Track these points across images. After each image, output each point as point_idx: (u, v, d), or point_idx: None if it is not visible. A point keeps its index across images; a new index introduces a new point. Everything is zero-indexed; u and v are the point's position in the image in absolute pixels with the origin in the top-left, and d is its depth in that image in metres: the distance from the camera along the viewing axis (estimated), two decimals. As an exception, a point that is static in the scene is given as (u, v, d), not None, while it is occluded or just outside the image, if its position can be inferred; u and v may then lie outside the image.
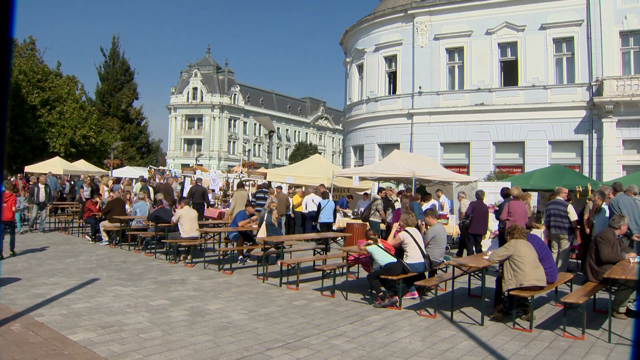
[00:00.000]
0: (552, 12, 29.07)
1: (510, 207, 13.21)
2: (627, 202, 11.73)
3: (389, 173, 19.37)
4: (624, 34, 27.97)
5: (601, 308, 9.14)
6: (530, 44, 29.55)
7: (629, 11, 27.57)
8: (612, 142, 27.09)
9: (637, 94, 26.34)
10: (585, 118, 28.04)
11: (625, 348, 7.25)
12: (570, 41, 29.06)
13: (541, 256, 8.54)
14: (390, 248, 10.10)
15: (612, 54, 27.82)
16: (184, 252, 14.57)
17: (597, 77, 27.73)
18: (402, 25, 33.54)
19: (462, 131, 30.66)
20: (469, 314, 8.99)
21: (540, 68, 29.31)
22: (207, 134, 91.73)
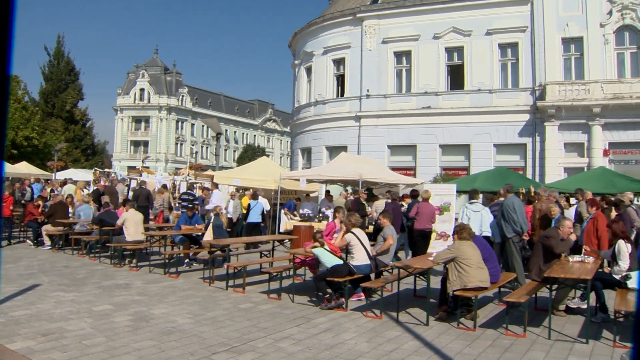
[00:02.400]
0: (498, 18, 29.67)
1: (418, 208, 14.08)
2: (518, 203, 12.15)
3: (336, 175, 19.34)
4: (566, 40, 28.82)
5: (542, 306, 9.30)
6: (476, 49, 30.06)
7: (570, 19, 28.42)
8: (554, 145, 27.83)
9: (577, 99, 27.10)
10: (529, 122, 28.70)
11: (565, 344, 7.43)
12: (515, 47, 29.73)
13: (485, 257, 8.64)
14: (337, 250, 10.09)
15: (554, 60, 28.60)
16: (129, 256, 14.37)
17: (540, 82, 28.43)
18: (350, 29, 33.65)
19: (409, 134, 30.91)
20: (415, 314, 9.06)
21: (485, 72, 29.85)
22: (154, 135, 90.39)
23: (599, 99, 26.81)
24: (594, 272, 8.27)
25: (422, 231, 14.31)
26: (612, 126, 27.04)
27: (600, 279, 8.72)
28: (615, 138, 27.16)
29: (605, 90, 26.93)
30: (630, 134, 26.88)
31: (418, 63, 31.42)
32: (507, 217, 11.89)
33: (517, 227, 11.72)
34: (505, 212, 11.99)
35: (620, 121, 26.80)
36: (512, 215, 11.79)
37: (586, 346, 7.36)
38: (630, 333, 6.77)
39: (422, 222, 14.19)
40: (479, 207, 13.44)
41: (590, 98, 26.97)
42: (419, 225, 14.21)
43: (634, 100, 26.31)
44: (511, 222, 11.80)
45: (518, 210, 11.80)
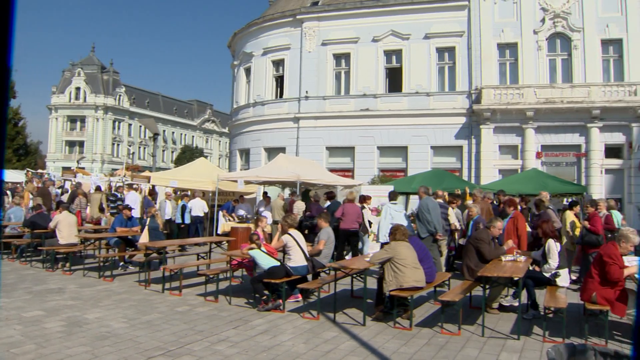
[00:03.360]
0: (436, 22, 30.14)
1: (344, 209, 14.44)
2: (433, 204, 12.46)
3: (274, 177, 19.31)
4: (501, 46, 29.56)
5: (476, 304, 9.47)
6: (414, 52, 30.44)
7: (506, 25, 29.19)
8: (490, 148, 28.48)
9: (512, 103, 27.81)
10: (465, 124, 29.24)
11: (497, 340, 7.60)
12: (452, 51, 30.26)
13: (420, 257, 8.74)
14: (274, 251, 10.09)
15: (490, 65, 29.27)
16: (62, 260, 13.93)
17: (476, 85, 29.05)
18: (290, 30, 33.56)
19: (347, 136, 31.02)
20: (352, 314, 9.12)
21: (423, 75, 30.26)
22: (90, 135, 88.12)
23: (532, 103, 27.58)
24: (525, 271, 8.50)
25: (348, 231, 14.47)
26: (544, 129, 27.86)
27: (532, 277, 8.95)
28: (547, 141, 27.99)
29: (538, 95, 27.72)
30: (561, 137, 27.79)
31: (357, 65, 31.60)
32: (422, 218, 12.26)
33: (430, 227, 12.11)
34: (419, 213, 12.36)
35: (552, 125, 27.65)
36: (426, 216, 12.18)
37: (518, 342, 7.54)
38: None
39: (347, 222, 14.40)
40: (401, 207, 13.82)
41: (524, 102, 27.70)
42: (345, 225, 14.38)
43: (565, 105, 27.17)
44: (425, 223, 12.16)
45: (432, 212, 12.17)
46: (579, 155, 27.85)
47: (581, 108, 27.10)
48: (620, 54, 28.38)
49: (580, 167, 27.81)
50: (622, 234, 7.84)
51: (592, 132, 27.41)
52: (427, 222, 12.12)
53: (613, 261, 7.37)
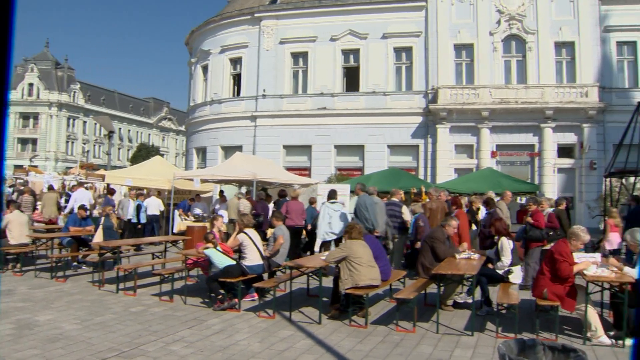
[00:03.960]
0: (394, 22, 30.38)
1: (288, 206, 14.68)
2: (370, 201, 12.54)
3: (230, 175, 19.15)
4: (458, 46, 29.97)
5: (431, 302, 9.48)
6: (372, 52, 30.64)
7: (462, 26, 29.55)
8: (445, 147, 28.85)
9: (467, 103, 28.19)
10: (422, 124, 29.55)
11: (452, 337, 7.67)
12: (409, 51, 30.57)
13: (376, 255, 8.75)
14: (229, 250, 9.99)
15: (447, 65, 29.63)
16: (12, 260, 13.50)
17: (433, 85, 29.38)
18: (248, 28, 33.39)
19: (305, 134, 31.00)
20: (308, 313, 9.08)
21: (380, 75, 30.48)
22: (44, 133, 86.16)
23: (487, 103, 27.99)
24: (478, 268, 8.59)
25: (293, 228, 14.49)
26: (499, 129, 28.31)
27: (485, 275, 9.05)
28: (502, 140, 28.49)
29: (493, 95, 28.14)
30: (515, 137, 28.30)
31: (314, 64, 31.64)
32: (360, 215, 12.31)
33: (368, 224, 12.09)
34: (357, 210, 12.44)
35: (507, 124, 28.10)
36: (364, 213, 12.24)
37: (471, 338, 7.62)
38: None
39: (293, 219, 14.57)
40: (339, 206, 13.76)
41: (480, 102, 28.08)
42: (290, 222, 14.38)
43: (519, 105, 27.65)
44: (363, 220, 12.14)
45: (370, 209, 12.25)
46: (533, 155, 28.42)
47: (535, 109, 27.65)
48: (572, 57, 29.04)
49: (534, 166, 28.40)
50: (573, 232, 7.94)
51: (546, 132, 27.98)
52: (364, 219, 12.14)
53: (564, 258, 7.50)
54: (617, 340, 7.34)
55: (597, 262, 7.85)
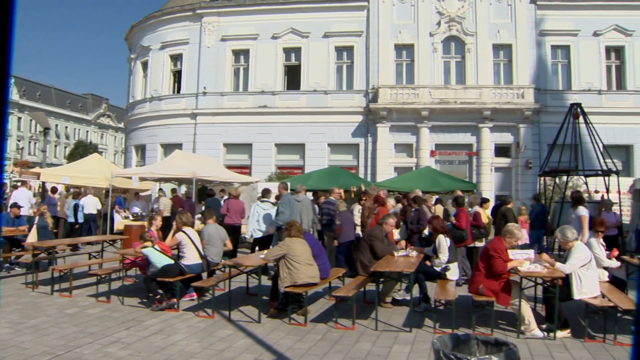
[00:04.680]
0: (336, 21, 30.49)
1: (228, 205, 14.89)
2: (288, 198, 12.78)
3: (170, 173, 18.95)
4: (398, 46, 30.29)
5: (370, 299, 9.62)
6: (313, 51, 30.67)
7: (403, 27, 29.88)
8: (385, 146, 29.10)
9: (407, 102, 28.47)
10: (362, 123, 29.72)
11: (390, 334, 7.79)
12: (351, 50, 30.72)
13: (315, 253, 8.81)
14: (167, 250, 9.93)
15: (387, 65, 29.92)
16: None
17: (373, 85, 29.61)
18: (189, 24, 32.95)
19: (245, 132, 30.76)
20: (247, 312, 9.07)
21: (321, 74, 30.53)
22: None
23: (427, 103, 28.34)
24: (416, 265, 8.75)
25: (232, 226, 14.57)
26: (438, 129, 28.73)
27: (423, 272, 9.26)
28: (441, 140, 28.92)
29: (432, 95, 28.52)
30: (454, 136, 28.79)
31: (256, 62, 31.48)
32: (278, 212, 12.59)
33: (279, 222, 12.31)
34: (279, 207, 12.68)
35: (446, 124, 28.56)
36: (283, 209, 12.48)
37: (410, 334, 7.76)
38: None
39: (232, 217, 14.68)
40: (269, 206, 13.99)
41: (419, 102, 28.41)
42: (229, 221, 14.55)
43: (458, 105, 28.09)
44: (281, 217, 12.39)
45: (287, 207, 12.47)
46: (471, 154, 28.92)
47: (473, 109, 28.14)
48: (509, 59, 29.78)
49: (472, 165, 28.94)
50: (507, 230, 8.20)
51: (483, 132, 28.53)
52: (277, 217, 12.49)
53: (498, 255, 7.75)
54: (549, 333, 7.63)
55: (530, 258, 8.15)
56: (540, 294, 8.58)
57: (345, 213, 12.84)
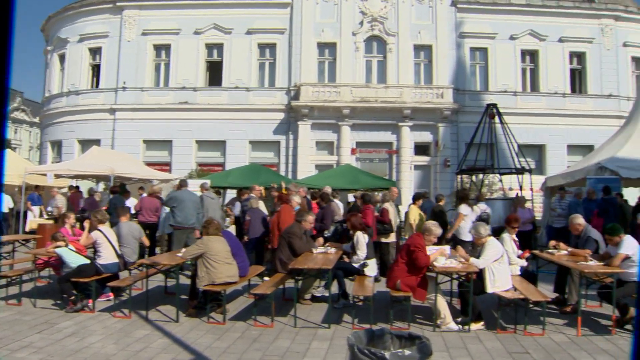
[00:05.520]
0: (259, 18, 30.39)
1: (142, 202, 14.81)
2: (182, 197, 12.63)
3: (87, 170, 18.67)
4: (321, 45, 30.44)
5: (289, 296, 9.62)
6: (236, 47, 30.46)
7: (326, 25, 30.06)
8: (306, 143, 29.22)
9: (329, 100, 28.67)
10: (284, 120, 29.72)
11: (309, 330, 7.83)
12: (273, 47, 30.70)
13: (233, 251, 8.75)
14: (82, 249, 9.66)
15: (310, 63, 30.03)
16: None
17: (295, 82, 29.61)
18: (109, 17, 32.11)
19: (165, 129, 30.23)
20: (165, 311, 8.93)
21: (244, 70, 30.37)
22: None
23: (348, 101, 28.57)
24: (335, 262, 8.81)
25: (146, 224, 14.32)
26: (359, 127, 29.07)
27: (341, 268, 9.35)
28: (362, 138, 29.26)
29: (354, 94, 28.79)
30: (374, 135, 29.18)
31: (177, 57, 31.01)
32: (173, 212, 12.58)
33: (177, 219, 12.41)
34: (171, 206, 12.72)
35: (367, 122, 28.90)
36: (176, 210, 12.49)
37: (328, 330, 7.82)
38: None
39: (144, 215, 14.44)
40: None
41: (341, 100, 28.63)
42: (142, 219, 14.34)
43: (379, 104, 28.46)
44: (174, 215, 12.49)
45: (179, 205, 12.43)
46: (391, 152, 29.36)
47: (394, 108, 28.57)
48: (430, 59, 30.44)
49: (392, 163, 29.43)
50: (426, 228, 8.34)
51: (403, 131, 29.01)
52: (173, 215, 12.51)
53: (420, 249, 7.91)
54: (464, 326, 7.85)
55: (446, 254, 8.41)
56: (456, 289, 8.77)
57: (255, 209, 12.78)
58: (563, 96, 30.83)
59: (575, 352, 6.82)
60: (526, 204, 15.67)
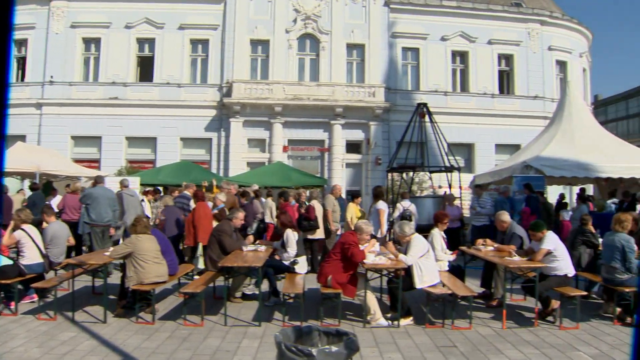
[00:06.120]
0: (191, 14, 30.09)
1: (65, 200, 14.51)
2: (97, 195, 12.43)
3: (11, 167, 18.07)
4: (254, 42, 30.38)
5: (220, 295, 9.49)
6: (168, 42, 30.09)
7: (259, 22, 29.96)
8: (238, 141, 29.13)
9: (261, 98, 28.66)
10: (216, 117, 29.56)
11: (240, 329, 7.77)
12: (206, 43, 30.45)
13: (163, 250, 8.63)
14: (4, 249, 9.29)
15: (242, 59, 29.92)
16: None
17: (228, 79, 29.45)
18: (37, 8, 31.06)
19: (94, 125, 29.51)
20: (93, 312, 8.68)
21: (176, 66, 30.01)
22: None
23: (280, 99, 28.64)
24: (265, 260, 8.81)
25: (69, 222, 13.70)
26: (291, 124, 29.19)
27: (272, 266, 9.34)
28: (294, 135, 29.37)
29: (286, 91, 28.86)
30: (306, 132, 29.35)
31: (107, 51, 30.34)
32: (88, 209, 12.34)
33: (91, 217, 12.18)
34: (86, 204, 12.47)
35: (299, 120, 29.02)
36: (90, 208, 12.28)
37: (259, 329, 7.79)
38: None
39: (68, 213, 14.12)
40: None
41: (273, 98, 28.69)
42: (66, 217, 13.96)
43: (311, 102, 28.63)
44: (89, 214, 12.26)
45: (95, 202, 12.26)
46: (323, 150, 29.58)
47: (326, 106, 28.75)
48: (362, 58, 30.78)
49: (324, 161, 29.63)
50: (357, 227, 8.51)
51: (335, 129, 29.26)
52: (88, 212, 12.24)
53: (354, 246, 7.98)
54: (393, 321, 7.93)
55: (375, 251, 8.56)
56: (385, 285, 8.84)
57: (170, 207, 12.63)
58: (492, 97, 31.73)
59: (500, 344, 7.03)
60: (455, 202, 16.01)
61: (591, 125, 17.93)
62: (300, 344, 3.96)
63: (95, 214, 12.02)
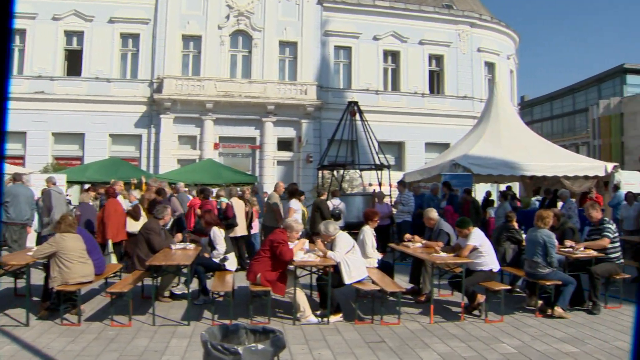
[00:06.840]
0: (122, 7, 29.53)
1: None
2: (21, 191, 12.14)
3: None
4: (186, 37, 30.04)
5: (148, 294, 9.36)
6: (97, 36, 29.40)
7: (192, 17, 29.64)
8: (169, 137, 28.82)
9: (192, 94, 28.37)
10: (146, 113, 29.13)
11: (168, 328, 7.68)
12: (137, 38, 29.92)
13: (89, 249, 8.42)
14: None
15: (174, 55, 29.57)
16: None
17: (159, 75, 29.04)
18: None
19: (19, 120, 28.36)
20: (14, 315, 8.39)
21: (105, 60, 29.39)
22: None
23: (212, 95, 28.46)
24: (194, 258, 8.76)
25: None
26: (222, 121, 29.02)
27: (202, 264, 9.29)
28: (225, 133, 29.24)
29: (218, 88, 28.68)
30: (238, 130, 29.28)
31: (33, 44, 29.39)
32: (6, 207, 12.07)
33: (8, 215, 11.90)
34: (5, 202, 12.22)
35: (230, 117, 28.92)
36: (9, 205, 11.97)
37: (188, 328, 7.73)
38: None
39: None
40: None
41: (205, 94, 28.44)
42: None
43: (243, 99, 28.58)
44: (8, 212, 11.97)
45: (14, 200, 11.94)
46: (254, 147, 29.60)
47: (257, 103, 28.78)
48: (295, 56, 30.84)
49: (255, 159, 29.58)
50: (287, 225, 8.54)
51: (267, 126, 29.30)
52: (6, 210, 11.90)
53: (284, 244, 8.03)
54: (323, 318, 8.02)
55: (303, 248, 8.58)
56: (315, 282, 8.89)
57: (85, 204, 12.44)
58: (422, 96, 32.34)
59: (427, 339, 7.18)
60: (385, 199, 16.24)
61: (517, 125, 18.48)
62: (227, 343, 3.98)
63: (14, 212, 11.66)
